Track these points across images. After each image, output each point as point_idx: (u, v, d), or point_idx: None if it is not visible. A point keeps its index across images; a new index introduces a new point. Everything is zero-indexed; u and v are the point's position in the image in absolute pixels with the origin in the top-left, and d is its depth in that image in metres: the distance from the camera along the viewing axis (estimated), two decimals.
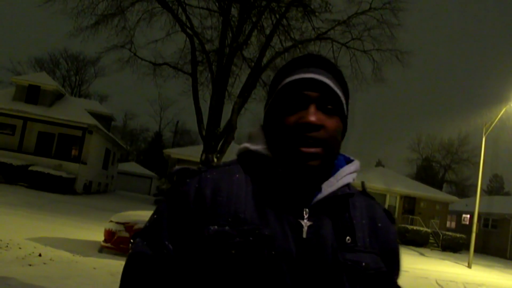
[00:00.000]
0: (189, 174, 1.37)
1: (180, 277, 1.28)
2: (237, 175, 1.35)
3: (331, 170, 1.39)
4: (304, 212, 1.27)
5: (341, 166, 1.41)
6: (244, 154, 1.42)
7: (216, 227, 1.23)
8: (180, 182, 1.36)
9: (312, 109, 1.29)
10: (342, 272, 1.23)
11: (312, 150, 1.27)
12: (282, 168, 1.30)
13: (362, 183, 1.54)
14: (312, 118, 1.27)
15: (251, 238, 1.20)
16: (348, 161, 1.47)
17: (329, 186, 1.33)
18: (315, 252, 1.23)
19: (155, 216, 1.36)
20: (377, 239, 1.37)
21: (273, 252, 1.19)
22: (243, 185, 1.32)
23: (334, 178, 1.36)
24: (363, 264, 1.27)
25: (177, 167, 1.44)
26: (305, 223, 1.26)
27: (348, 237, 1.29)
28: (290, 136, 1.29)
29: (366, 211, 1.41)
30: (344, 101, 1.39)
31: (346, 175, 1.38)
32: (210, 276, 1.21)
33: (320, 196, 1.31)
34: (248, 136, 1.47)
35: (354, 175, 1.42)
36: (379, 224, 1.41)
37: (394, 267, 1.45)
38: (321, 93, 1.32)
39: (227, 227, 1.22)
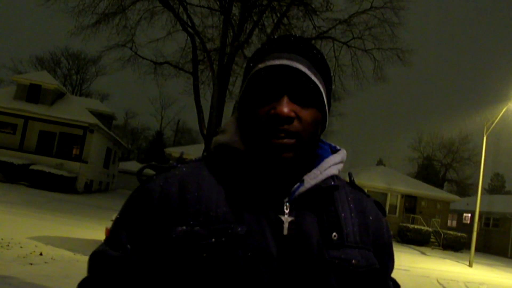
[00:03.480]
0: (157, 171, 1.27)
1: (142, 280, 1.18)
2: (209, 171, 1.24)
3: (315, 161, 1.29)
4: (285, 207, 1.17)
5: (327, 157, 1.30)
6: (216, 148, 1.30)
7: (184, 227, 1.12)
8: (146, 179, 1.26)
9: (284, 100, 1.17)
10: (329, 271, 1.14)
11: (285, 141, 1.16)
12: (256, 160, 1.20)
13: (349, 174, 1.41)
14: (284, 110, 1.15)
15: (223, 239, 1.10)
16: (334, 151, 1.36)
17: (312, 178, 1.22)
18: (298, 250, 1.13)
19: (117, 216, 1.26)
20: (368, 233, 1.28)
21: (249, 253, 1.09)
22: (215, 181, 1.21)
23: (317, 170, 1.25)
24: (353, 261, 1.18)
25: (145, 164, 1.35)
26: (286, 218, 1.15)
27: (334, 233, 1.19)
28: (261, 128, 1.18)
29: (355, 204, 1.30)
30: (323, 89, 1.25)
31: (330, 166, 1.27)
32: (179, 281, 1.11)
33: (302, 189, 1.20)
34: (221, 129, 1.35)
35: (340, 165, 1.31)
36: (370, 217, 1.31)
37: (388, 263, 1.36)
38: (295, 82, 1.19)
39: (197, 227, 1.12)
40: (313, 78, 1.21)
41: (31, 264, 8.90)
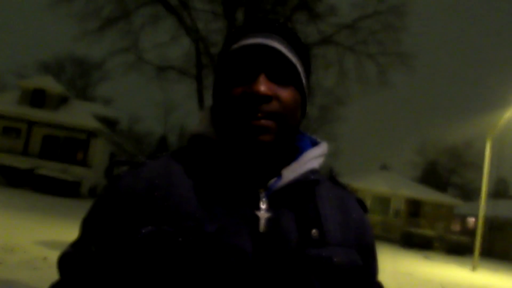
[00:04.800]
0: (128, 168, 1.20)
1: (109, 282, 1.11)
2: (180, 164, 1.16)
3: (294, 154, 1.22)
4: (261, 203, 1.10)
5: (306, 150, 1.23)
6: (190, 140, 1.24)
7: (151, 227, 1.05)
8: (114, 178, 1.20)
9: (261, 78, 1.10)
10: (309, 269, 1.08)
11: (263, 122, 1.09)
12: (231, 149, 1.13)
13: (330, 169, 1.34)
14: (261, 88, 1.08)
15: (191, 238, 1.02)
16: (315, 144, 1.29)
17: (291, 172, 1.15)
18: (275, 248, 1.06)
19: (85, 216, 1.21)
20: (350, 231, 1.21)
21: (220, 252, 1.02)
22: (186, 176, 1.13)
23: (296, 163, 1.18)
24: (334, 259, 1.11)
25: (113, 161, 1.30)
26: (262, 214, 1.08)
27: (314, 230, 1.12)
28: (236, 110, 1.10)
29: (337, 201, 1.23)
30: (301, 69, 1.18)
31: (310, 160, 1.20)
32: (148, 282, 1.04)
33: (280, 183, 1.13)
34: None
35: (320, 159, 1.23)
36: (353, 215, 1.25)
37: (371, 263, 1.29)
38: (271, 60, 1.12)
39: (165, 226, 1.04)
40: (290, 56, 1.14)
41: (36, 268, 8.90)
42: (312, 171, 1.19)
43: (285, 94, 1.12)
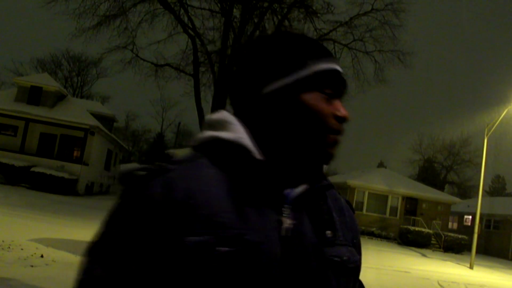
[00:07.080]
0: (151, 174, 1.09)
1: None
2: (207, 170, 1.11)
3: None
4: (284, 208, 1.12)
5: None
6: (211, 144, 1.17)
7: (195, 237, 1.00)
8: (140, 185, 1.08)
9: (340, 103, 1.19)
10: (327, 269, 1.13)
11: (335, 149, 1.18)
12: (277, 168, 1.15)
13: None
14: (347, 113, 1.18)
15: (237, 247, 1.01)
16: None
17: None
18: (298, 251, 1.10)
19: (111, 229, 1.09)
20: (348, 231, 1.26)
21: (263, 260, 1.03)
22: (217, 182, 1.09)
23: None
24: (345, 258, 1.18)
25: (130, 166, 1.21)
26: (286, 220, 1.10)
27: (328, 231, 1.18)
28: (322, 128, 1.15)
29: (334, 202, 1.28)
30: None
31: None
32: None
33: (300, 189, 1.15)
34: (208, 123, 1.22)
35: None
36: (347, 215, 1.31)
37: (360, 260, 1.33)
38: (345, 86, 1.22)
39: (206, 236, 1.00)
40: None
41: (32, 266, 8.90)
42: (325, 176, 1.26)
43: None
